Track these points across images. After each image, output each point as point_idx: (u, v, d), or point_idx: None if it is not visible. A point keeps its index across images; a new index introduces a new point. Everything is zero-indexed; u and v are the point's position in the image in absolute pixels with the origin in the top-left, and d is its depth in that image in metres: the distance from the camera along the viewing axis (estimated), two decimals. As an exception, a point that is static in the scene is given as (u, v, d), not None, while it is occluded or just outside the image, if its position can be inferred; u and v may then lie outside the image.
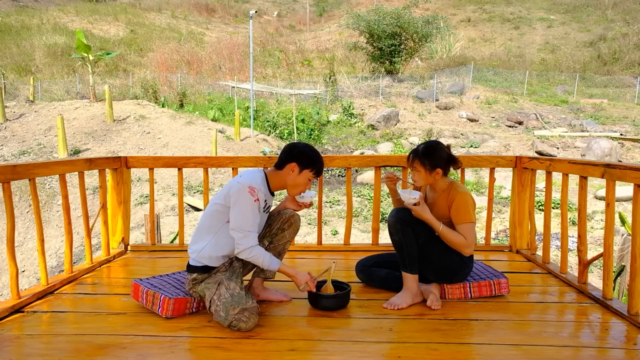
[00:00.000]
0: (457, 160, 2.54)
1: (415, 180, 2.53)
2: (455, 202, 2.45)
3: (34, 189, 2.62)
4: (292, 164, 2.31)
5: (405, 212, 2.47)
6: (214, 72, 25.83)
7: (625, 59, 26.15)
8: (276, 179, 2.36)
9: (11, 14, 30.33)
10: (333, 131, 16.95)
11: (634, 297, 2.27)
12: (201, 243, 2.32)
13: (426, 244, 2.46)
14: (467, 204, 2.45)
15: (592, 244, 7.49)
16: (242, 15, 38.14)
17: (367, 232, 8.38)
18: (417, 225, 2.46)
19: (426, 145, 2.52)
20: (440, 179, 2.53)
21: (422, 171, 2.48)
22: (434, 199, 2.57)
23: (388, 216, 2.50)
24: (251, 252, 2.22)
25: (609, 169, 2.46)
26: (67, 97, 19.53)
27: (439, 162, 2.48)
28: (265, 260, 2.24)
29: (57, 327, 2.28)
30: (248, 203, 2.20)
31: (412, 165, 2.51)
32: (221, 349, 2.00)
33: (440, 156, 2.49)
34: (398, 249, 2.48)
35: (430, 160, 2.46)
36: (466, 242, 2.42)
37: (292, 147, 2.37)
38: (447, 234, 2.42)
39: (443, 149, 2.52)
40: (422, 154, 2.48)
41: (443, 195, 2.52)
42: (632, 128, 17.04)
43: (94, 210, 7.39)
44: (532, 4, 36.31)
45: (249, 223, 2.21)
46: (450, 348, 2.01)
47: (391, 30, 21.94)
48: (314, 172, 2.34)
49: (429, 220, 2.43)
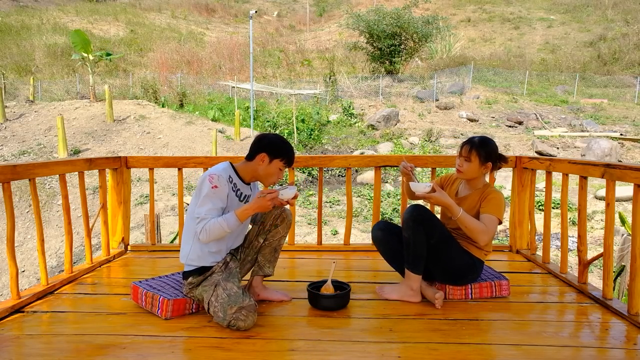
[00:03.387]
0: (506, 159, 2.60)
1: (463, 170, 2.52)
2: (490, 196, 2.46)
3: (34, 189, 2.62)
4: (261, 154, 2.31)
5: (421, 210, 2.42)
6: (214, 72, 25.83)
7: (625, 59, 26.14)
8: (247, 170, 2.37)
9: (11, 14, 30.33)
10: (333, 131, 16.95)
11: (634, 297, 2.27)
12: (187, 246, 2.33)
13: (439, 243, 2.42)
14: (501, 202, 2.46)
15: (592, 244, 7.49)
16: (242, 15, 38.13)
17: (367, 232, 8.38)
18: (430, 225, 2.41)
19: (482, 138, 2.55)
20: (482, 177, 2.55)
21: (476, 162, 2.48)
22: (467, 195, 2.57)
23: (404, 212, 2.46)
24: (204, 228, 2.16)
25: (609, 169, 2.46)
26: (67, 97, 19.53)
27: (492, 156, 2.51)
28: (222, 224, 2.17)
29: (57, 327, 2.28)
30: (206, 191, 2.21)
31: (468, 154, 2.49)
32: (221, 349, 2.00)
33: (494, 150, 2.53)
34: (406, 244, 2.45)
35: (486, 152, 2.48)
36: (485, 229, 2.37)
37: (262, 138, 2.37)
38: (466, 219, 2.38)
39: (494, 144, 2.56)
40: (479, 144, 2.49)
41: (477, 192, 2.53)
42: (632, 128, 17.04)
43: (94, 210, 7.39)
44: (532, 4, 36.30)
45: (204, 208, 2.19)
46: (450, 348, 2.00)
47: (391, 31, 21.93)
48: (284, 162, 2.34)
49: (449, 204, 2.37)
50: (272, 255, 2.53)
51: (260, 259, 2.51)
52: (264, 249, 2.51)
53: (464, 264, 2.47)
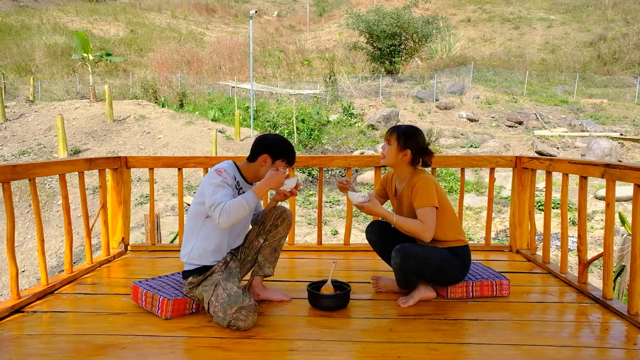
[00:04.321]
0: (431, 153, 2.52)
1: (384, 154, 2.52)
2: (416, 186, 2.39)
3: (34, 189, 2.62)
4: (263, 155, 2.33)
5: (406, 247, 2.38)
6: (214, 72, 25.83)
7: (625, 59, 26.14)
8: (250, 171, 2.39)
9: (11, 14, 30.33)
10: (333, 131, 16.94)
11: (634, 297, 2.27)
12: (189, 245, 2.33)
13: (427, 269, 2.40)
14: (428, 187, 2.38)
15: (592, 244, 7.49)
16: (242, 15, 38.13)
17: (367, 232, 8.38)
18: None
19: (409, 126, 2.53)
20: (405, 166, 2.49)
21: (394, 146, 2.46)
22: (401, 190, 2.54)
23: (395, 249, 2.39)
24: (224, 210, 2.09)
25: (609, 169, 2.46)
26: (67, 97, 19.53)
27: (413, 145, 2.45)
28: (242, 202, 2.13)
29: (57, 327, 2.28)
30: (214, 179, 2.22)
31: (389, 137, 2.49)
32: (221, 349, 2.00)
33: (417, 140, 2.47)
34: (396, 271, 2.45)
35: (405, 140, 2.45)
36: (423, 227, 2.33)
37: (263, 139, 2.39)
38: (402, 223, 2.36)
39: (422, 137, 2.51)
40: (401, 130, 2.48)
41: (407, 185, 2.48)
42: (632, 128, 17.04)
43: (94, 210, 7.39)
44: (532, 4, 36.30)
45: (219, 194, 2.16)
46: (450, 348, 2.01)
47: (391, 31, 21.93)
48: (285, 162, 2.37)
49: (381, 213, 2.39)
50: (272, 256, 2.53)
51: (260, 259, 2.51)
52: (264, 249, 2.51)
53: (444, 265, 2.42)
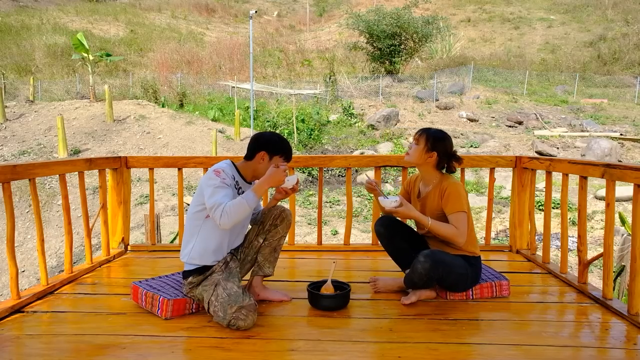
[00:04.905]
0: (458, 159, 2.55)
1: (410, 153, 2.53)
2: (447, 191, 2.43)
3: (34, 189, 2.62)
4: (260, 152, 2.34)
5: (437, 253, 2.37)
6: (214, 72, 25.83)
7: (625, 59, 26.14)
8: (248, 169, 2.39)
9: (11, 14, 30.32)
10: (333, 131, 16.94)
11: (634, 297, 2.27)
12: (189, 245, 2.33)
13: (447, 276, 2.41)
14: (459, 192, 2.43)
15: (592, 244, 7.49)
16: (242, 15, 38.11)
17: (367, 232, 8.39)
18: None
19: (439, 130, 2.55)
20: (431, 168, 2.52)
21: (421, 147, 2.48)
22: (427, 193, 2.56)
23: (424, 255, 2.36)
24: (224, 211, 2.11)
25: (609, 169, 2.46)
26: (67, 97, 19.52)
27: (440, 148, 2.48)
28: (242, 203, 2.15)
29: (57, 327, 2.27)
30: (214, 182, 2.22)
31: (418, 137, 2.51)
32: (221, 349, 2.00)
33: (444, 144, 2.50)
34: (414, 272, 2.41)
35: (434, 142, 2.47)
36: (457, 232, 2.39)
37: (259, 137, 2.40)
38: (437, 227, 2.40)
39: (450, 142, 2.54)
40: (430, 132, 2.51)
41: (435, 187, 2.51)
42: (632, 128, 17.04)
43: (94, 210, 7.39)
44: (532, 4, 36.29)
45: (219, 195, 2.18)
46: (450, 348, 2.01)
47: (391, 31, 21.90)
48: (283, 158, 2.37)
49: (416, 217, 2.42)
50: (272, 255, 2.53)
51: (260, 258, 2.51)
52: (264, 248, 2.51)
53: (464, 274, 2.45)
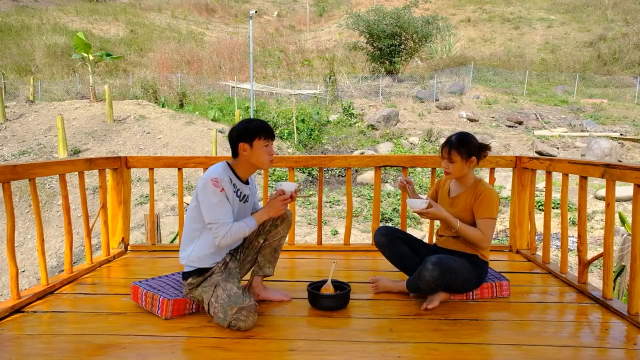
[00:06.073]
0: (487, 147, 2.55)
1: (450, 171, 2.52)
2: (482, 196, 2.46)
3: (34, 189, 2.62)
4: (240, 144, 2.31)
5: (445, 259, 2.37)
6: (214, 72, 25.83)
7: (625, 59, 26.14)
8: (240, 166, 2.38)
9: (11, 14, 30.31)
10: (333, 131, 16.94)
11: (634, 297, 2.27)
12: (188, 249, 2.33)
13: (455, 283, 2.43)
14: (493, 200, 2.47)
15: (592, 244, 7.49)
16: (242, 15, 38.11)
17: (367, 232, 8.38)
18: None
19: (458, 135, 2.53)
20: (470, 172, 2.54)
21: (459, 161, 2.47)
22: (459, 193, 2.57)
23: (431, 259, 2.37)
24: (228, 233, 2.21)
25: (609, 169, 2.46)
26: (67, 97, 19.51)
27: (474, 149, 2.49)
28: (244, 229, 2.25)
29: (57, 327, 2.28)
30: (214, 195, 2.21)
31: (449, 156, 2.49)
32: (221, 349, 2.00)
33: (474, 144, 2.51)
34: (420, 279, 2.41)
35: (466, 149, 2.47)
36: (483, 237, 2.43)
37: (231, 132, 2.36)
38: (464, 230, 2.44)
39: (474, 137, 2.54)
40: (457, 143, 2.48)
41: (470, 189, 2.52)
42: (632, 128, 17.04)
43: (94, 210, 7.39)
44: (532, 4, 36.29)
45: (220, 213, 2.21)
46: (450, 348, 2.01)
47: (391, 30, 21.92)
48: (262, 138, 2.31)
49: (446, 218, 2.44)
50: (272, 256, 2.53)
51: (260, 259, 2.51)
52: (264, 249, 2.51)
53: (469, 277, 2.46)
